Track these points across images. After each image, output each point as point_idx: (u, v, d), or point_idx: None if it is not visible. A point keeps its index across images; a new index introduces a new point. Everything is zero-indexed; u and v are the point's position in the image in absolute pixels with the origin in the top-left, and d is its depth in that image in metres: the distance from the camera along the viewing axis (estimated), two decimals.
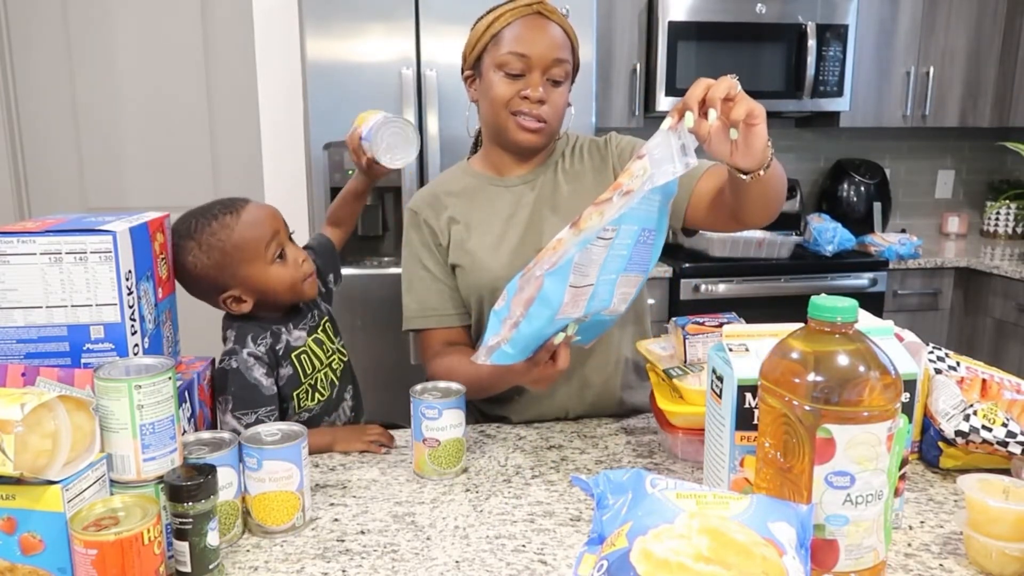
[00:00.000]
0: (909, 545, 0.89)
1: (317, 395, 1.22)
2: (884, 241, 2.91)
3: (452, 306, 1.34)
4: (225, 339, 1.18)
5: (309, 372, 1.21)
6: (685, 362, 1.15)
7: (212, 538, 0.81)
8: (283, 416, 1.19)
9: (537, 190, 1.33)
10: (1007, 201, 3.40)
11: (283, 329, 1.19)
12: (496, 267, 1.29)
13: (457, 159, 2.33)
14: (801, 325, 0.80)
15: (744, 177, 0.98)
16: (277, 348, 1.17)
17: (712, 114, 0.88)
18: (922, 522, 0.93)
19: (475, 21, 1.29)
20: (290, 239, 1.20)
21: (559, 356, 1.05)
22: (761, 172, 0.97)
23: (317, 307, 1.27)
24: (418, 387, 1.10)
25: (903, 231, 3.16)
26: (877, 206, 3.22)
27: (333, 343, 1.27)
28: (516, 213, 1.32)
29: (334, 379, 1.25)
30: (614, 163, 1.34)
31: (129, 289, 0.93)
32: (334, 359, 1.26)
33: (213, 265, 1.13)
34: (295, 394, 1.20)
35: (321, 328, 1.25)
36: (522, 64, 1.22)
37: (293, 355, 1.19)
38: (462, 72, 1.33)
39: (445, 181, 1.39)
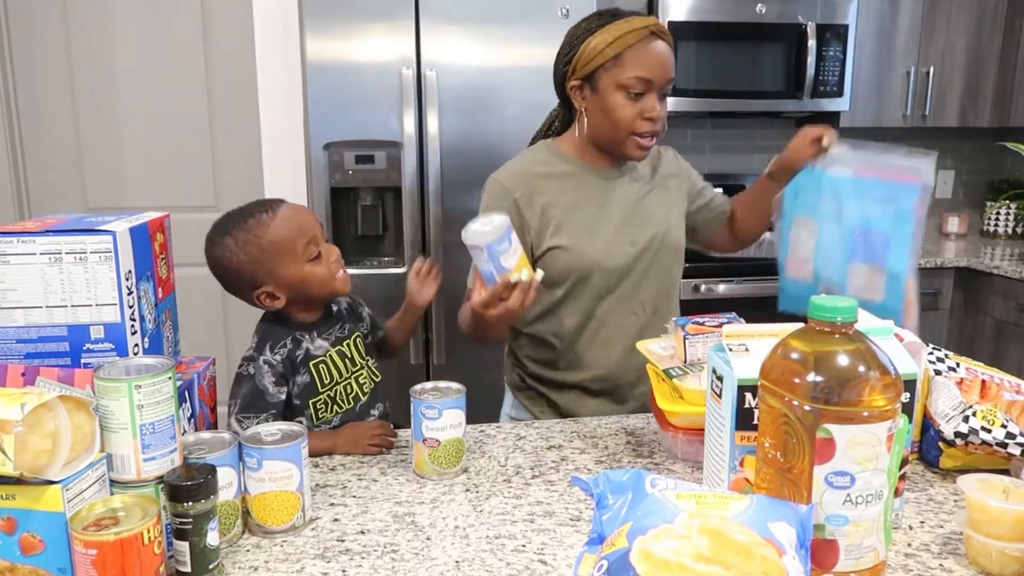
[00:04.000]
0: (909, 545, 0.89)
1: (335, 407, 1.22)
2: None
3: None
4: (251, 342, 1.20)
5: (328, 383, 1.20)
6: (685, 362, 1.15)
7: (212, 538, 0.81)
8: None
9: (627, 185, 1.43)
10: (1007, 201, 3.40)
11: (306, 336, 1.19)
12: (593, 252, 1.37)
13: (459, 159, 2.37)
14: (801, 325, 0.80)
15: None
16: (296, 355, 1.17)
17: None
18: (922, 522, 0.93)
19: (580, 31, 1.32)
20: (326, 240, 1.21)
21: (512, 295, 1.11)
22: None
23: (349, 321, 1.27)
24: (418, 387, 1.10)
25: None
26: None
27: (364, 359, 1.27)
28: (607, 204, 1.40)
29: (359, 393, 1.24)
30: (687, 174, 1.54)
31: (129, 289, 0.93)
32: (361, 374, 1.26)
33: (249, 260, 1.14)
34: (312, 403, 1.19)
35: (351, 342, 1.25)
36: (644, 86, 1.29)
37: (311, 364, 1.19)
38: (565, 78, 1.36)
39: (538, 162, 1.42)
